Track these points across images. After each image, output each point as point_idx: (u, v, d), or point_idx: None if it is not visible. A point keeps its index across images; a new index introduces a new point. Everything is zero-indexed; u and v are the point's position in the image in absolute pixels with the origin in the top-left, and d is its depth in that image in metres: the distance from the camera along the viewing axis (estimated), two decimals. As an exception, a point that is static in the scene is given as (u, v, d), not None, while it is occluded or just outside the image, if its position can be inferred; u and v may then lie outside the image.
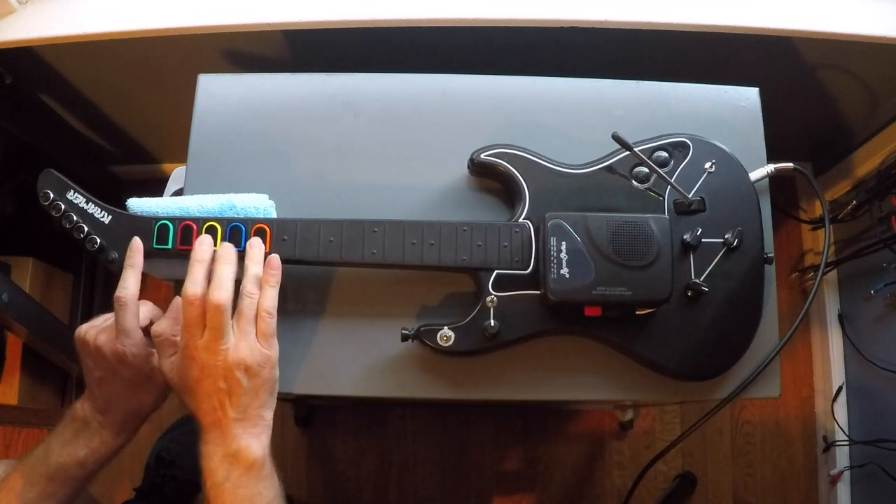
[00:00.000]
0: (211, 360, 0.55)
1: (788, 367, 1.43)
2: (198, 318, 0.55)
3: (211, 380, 0.55)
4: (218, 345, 0.55)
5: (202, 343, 0.55)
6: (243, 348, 0.56)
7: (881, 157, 1.17)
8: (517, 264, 0.62)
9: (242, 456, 0.56)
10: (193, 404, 0.57)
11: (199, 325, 0.55)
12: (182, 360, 0.56)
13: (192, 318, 0.54)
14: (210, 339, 0.54)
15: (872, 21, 0.83)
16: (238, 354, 0.55)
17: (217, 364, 0.55)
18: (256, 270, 0.59)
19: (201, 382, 0.55)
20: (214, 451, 0.57)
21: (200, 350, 0.55)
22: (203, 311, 0.55)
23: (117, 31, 0.86)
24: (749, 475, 1.42)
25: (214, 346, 0.54)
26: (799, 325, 0.64)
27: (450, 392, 0.65)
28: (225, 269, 0.57)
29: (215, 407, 0.56)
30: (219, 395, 0.56)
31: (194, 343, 0.55)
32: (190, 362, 0.55)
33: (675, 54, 0.95)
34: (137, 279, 0.59)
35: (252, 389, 0.57)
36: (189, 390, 0.56)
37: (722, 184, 0.65)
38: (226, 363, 0.55)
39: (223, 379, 0.55)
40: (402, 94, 0.72)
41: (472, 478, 1.42)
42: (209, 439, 0.57)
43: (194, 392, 0.56)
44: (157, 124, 1.32)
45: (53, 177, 0.62)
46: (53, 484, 0.59)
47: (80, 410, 0.61)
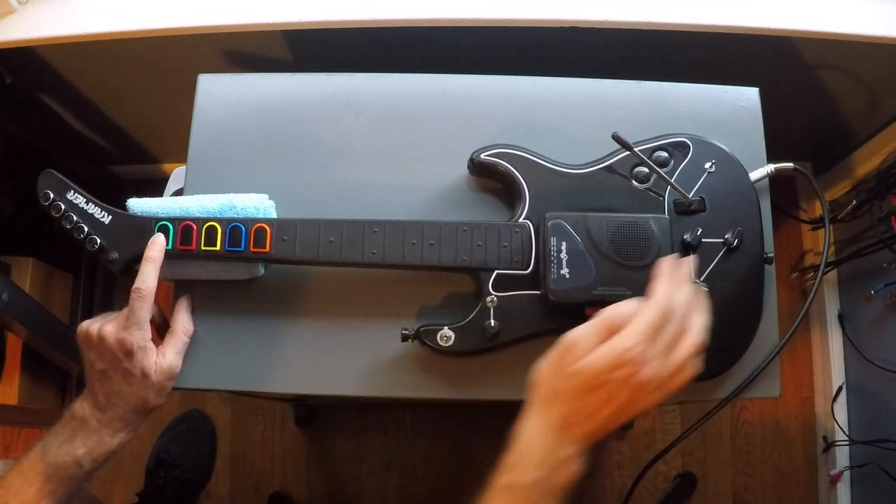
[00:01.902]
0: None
1: (788, 367, 1.43)
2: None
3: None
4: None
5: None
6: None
7: (881, 157, 1.17)
8: (517, 264, 0.62)
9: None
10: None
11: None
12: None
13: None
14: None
15: (872, 21, 0.83)
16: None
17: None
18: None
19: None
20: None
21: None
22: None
23: (117, 31, 0.86)
24: (749, 475, 1.42)
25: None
26: (799, 325, 0.64)
27: (450, 392, 0.65)
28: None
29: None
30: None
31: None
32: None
33: (675, 54, 0.95)
34: (157, 273, 0.61)
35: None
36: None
37: (722, 184, 0.65)
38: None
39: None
40: (402, 94, 0.72)
41: (472, 478, 1.41)
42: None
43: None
44: (157, 124, 1.32)
45: (53, 177, 0.63)
46: (51, 483, 0.59)
47: (78, 409, 0.61)
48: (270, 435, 1.44)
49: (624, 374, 0.50)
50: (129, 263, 0.63)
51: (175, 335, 0.63)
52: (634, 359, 0.50)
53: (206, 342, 0.66)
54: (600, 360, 0.50)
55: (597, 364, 0.50)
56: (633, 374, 0.50)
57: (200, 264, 0.65)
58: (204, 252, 0.62)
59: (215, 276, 0.65)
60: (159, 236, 0.62)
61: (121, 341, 0.59)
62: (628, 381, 0.50)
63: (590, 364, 0.51)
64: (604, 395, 0.51)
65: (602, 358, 0.50)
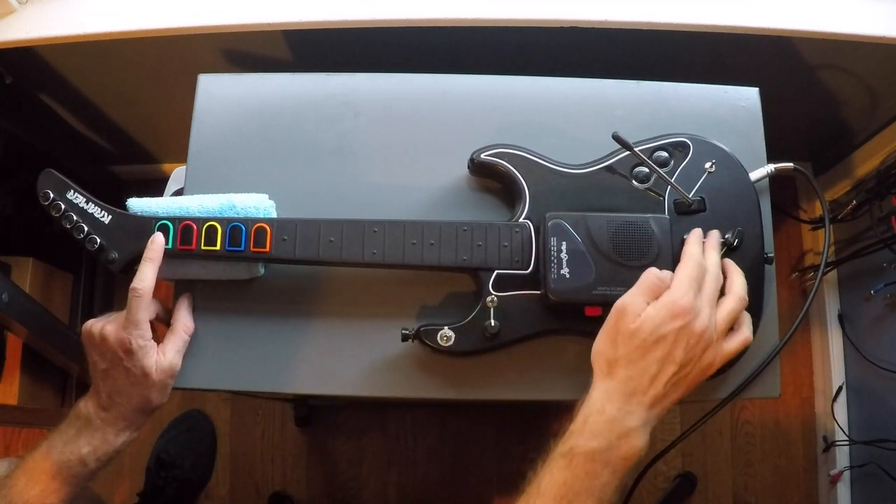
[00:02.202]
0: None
1: (788, 367, 1.43)
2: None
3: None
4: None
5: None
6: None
7: (881, 157, 1.17)
8: (517, 264, 0.62)
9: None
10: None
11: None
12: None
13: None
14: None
15: (872, 21, 0.83)
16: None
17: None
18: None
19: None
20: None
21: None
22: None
23: (117, 31, 0.86)
24: (749, 475, 1.42)
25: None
26: (799, 325, 0.64)
27: (450, 392, 0.65)
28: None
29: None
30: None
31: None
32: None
33: (675, 54, 0.95)
34: (155, 273, 0.61)
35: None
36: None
37: (722, 184, 0.65)
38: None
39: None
40: (402, 94, 0.72)
41: (472, 478, 1.42)
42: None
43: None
44: (157, 124, 1.32)
45: (53, 177, 0.63)
46: (55, 482, 0.59)
47: (83, 408, 0.62)
48: (270, 435, 1.44)
49: (679, 325, 0.52)
50: (129, 263, 0.63)
51: (176, 333, 0.63)
52: (686, 307, 0.52)
53: (206, 342, 0.66)
54: (654, 314, 0.53)
55: (651, 319, 0.52)
56: (688, 323, 0.52)
57: (200, 264, 0.65)
58: (204, 252, 0.62)
59: (215, 275, 0.65)
60: (158, 236, 0.62)
61: (121, 340, 0.59)
62: (684, 331, 0.52)
63: (644, 321, 0.53)
64: (664, 351, 0.52)
65: (656, 312, 0.53)
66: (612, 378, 0.53)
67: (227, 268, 0.65)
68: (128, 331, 0.59)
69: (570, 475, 0.51)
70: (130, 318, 0.59)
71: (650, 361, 0.52)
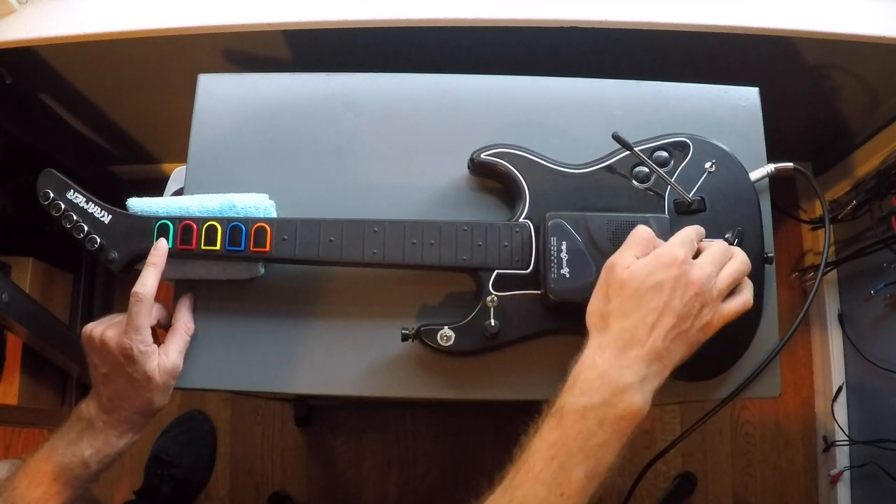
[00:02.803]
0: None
1: (788, 367, 1.43)
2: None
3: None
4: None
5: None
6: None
7: (881, 157, 1.17)
8: (517, 264, 0.62)
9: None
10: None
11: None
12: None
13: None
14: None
15: (872, 21, 0.83)
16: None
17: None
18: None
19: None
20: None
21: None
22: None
23: (117, 31, 0.86)
24: (749, 475, 1.42)
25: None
26: (799, 325, 0.64)
27: (450, 392, 0.65)
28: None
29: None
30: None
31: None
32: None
33: (675, 54, 0.95)
34: (157, 278, 0.61)
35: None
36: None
37: (722, 184, 0.65)
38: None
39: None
40: (403, 94, 0.72)
41: (473, 478, 1.41)
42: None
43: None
44: (157, 124, 1.32)
45: (53, 177, 0.63)
46: (57, 484, 0.59)
47: (85, 410, 0.61)
48: (270, 435, 1.44)
49: (675, 273, 0.50)
50: (129, 263, 0.63)
51: (177, 334, 0.63)
52: (679, 257, 0.50)
53: (207, 342, 0.66)
54: (646, 262, 0.51)
55: (644, 266, 0.51)
56: (684, 272, 0.50)
57: (201, 264, 0.65)
58: (204, 251, 0.62)
59: (215, 275, 0.65)
60: (162, 241, 0.62)
61: (122, 346, 0.59)
62: (681, 278, 0.50)
63: (636, 268, 0.51)
64: (660, 300, 0.49)
65: (648, 261, 0.51)
66: (606, 331, 0.50)
67: (227, 268, 0.65)
68: (128, 336, 0.59)
69: (560, 434, 0.48)
70: (131, 323, 0.59)
71: (646, 311, 0.49)
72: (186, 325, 0.64)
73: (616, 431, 0.48)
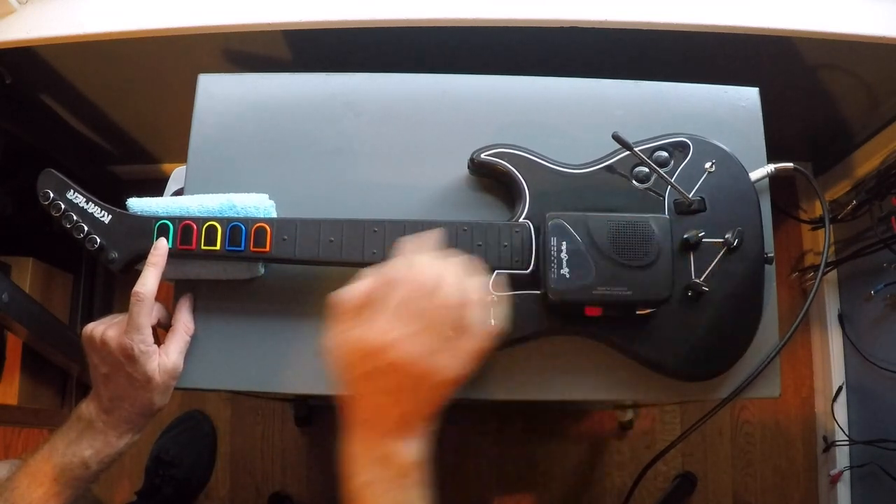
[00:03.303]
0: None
1: (788, 367, 1.43)
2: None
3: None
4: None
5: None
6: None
7: (881, 157, 1.17)
8: (517, 264, 0.62)
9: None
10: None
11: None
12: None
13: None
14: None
15: (872, 21, 0.83)
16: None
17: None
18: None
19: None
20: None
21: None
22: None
23: (117, 31, 0.86)
24: (749, 475, 1.42)
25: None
26: (799, 325, 0.64)
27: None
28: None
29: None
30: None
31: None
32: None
33: (675, 54, 0.95)
34: (158, 278, 0.61)
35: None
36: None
37: (722, 184, 0.65)
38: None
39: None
40: (402, 94, 0.72)
41: (473, 478, 1.42)
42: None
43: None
44: (157, 124, 1.32)
45: (53, 177, 0.63)
46: (58, 484, 0.59)
47: (85, 411, 0.61)
48: (270, 435, 1.44)
49: (377, 364, 0.47)
50: (129, 263, 0.63)
51: (177, 334, 0.63)
52: (373, 346, 0.46)
53: (207, 342, 0.66)
54: (347, 352, 0.48)
55: (347, 359, 0.48)
56: (385, 359, 0.46)
57: (201, 264, 0.65)
58: (204, 252, 0.62)
59: (215, 275, 0.65)
60: (162, 241, 0.62)
61: (122, 346, 0.59)
62: (383, 367, 0.47)
63: (342, 361, 0.48)
64: (371, 387, 0.48)
65: (348, 351, 0.48)
66: (345, 413, 0.49)
67: (227, 268, 0.65)
68: (129, 336, 0.59)
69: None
70: (132, 323, 0.59)
71: (363, 395, 0.48)
72: (186, 326, 0.64)
73: (409, 481, 0.48)
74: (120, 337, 0.59)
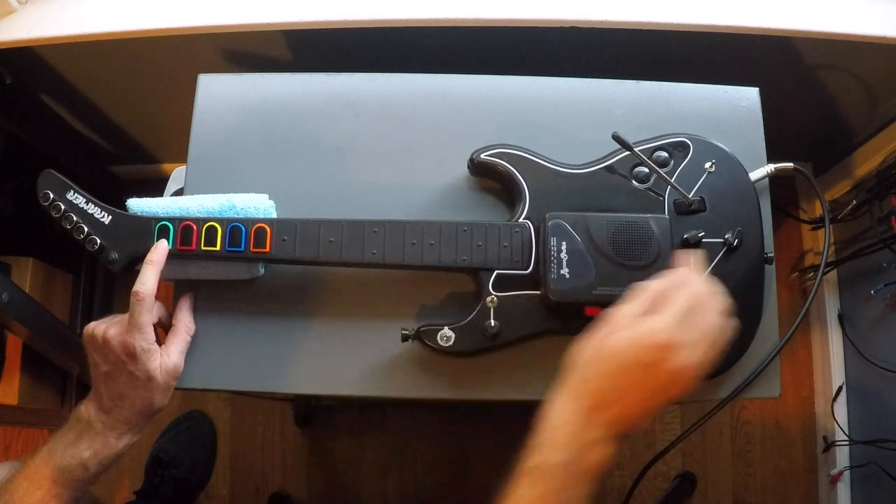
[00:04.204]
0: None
1: (788, 367, 1.43)
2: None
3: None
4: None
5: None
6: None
7: (881, 157, 1.17)
8: (517, 264, 0.62)
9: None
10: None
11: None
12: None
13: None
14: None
15: (872, 21, 0.83)
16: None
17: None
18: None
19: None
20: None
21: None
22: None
23: (117, 31, 0.86)
24: (749, 475, 1.42)
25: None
26: (799, 325, 0.64)
27: (450, 392, 0.65)
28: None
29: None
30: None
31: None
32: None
33: (675, 54, 0.95)
34: (157, 276, 0.61)
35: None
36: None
37: (722, 184, 0.65)
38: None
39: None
40: (402, 94, 0.72)
41: (472, 478, 1.42)
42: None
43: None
44: (157, 124, 1.32)
45: (53, 177, 0.63)
46: (57, 486, 0.59)
47: (83, 412, 0.61)
48: (270, 435, 1.44)
49: (662, 356, 0.49)
50: (129, 263, 0.63)
51: (178, 334, 0.63)
52: (673, 343, 0.49)
53: (207, 342, 0.66)
54: (641, 334, 0.50)
55: (636, 338, 0.50)
56: (670, 358, 0.49)
57: (201, 264, 0.65)
58: (204, 252, 0.62)
59: (215, 276, 0.65)
60: (162, 242, 0.62)
61: (124, 344, 0.59)
62: (665, 364, 0.49)
63: (629, 336, 0.50)
64: (639, 376, 0.49)
65: (643, 334, 0.50)
66: (579, 391, 0.51)
67: (227, 268, 0.65)
68: (131, 334, 0.59)
69: (536, 493, 0.50)
70: (133, 321, 0.59)
71: (625, 380, 0.50)
72: (187, 326, 0.64)
73: (585, 482, 0.50)
74: (122, 335, 0.59)
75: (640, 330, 0.50)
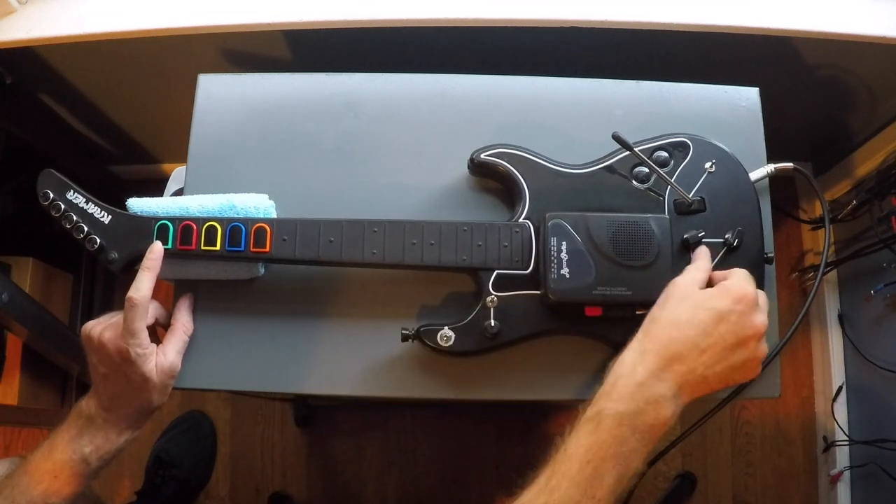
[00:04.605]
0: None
1: (788, 367, 1.43)
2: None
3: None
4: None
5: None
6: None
7: (881, 157, 1.17)
8: (517, 264, 0.62)
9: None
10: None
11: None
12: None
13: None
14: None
15: (872, 21, 0.83)
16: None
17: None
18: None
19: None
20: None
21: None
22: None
23: (117, 31, 0.86)
24: (749, 475, 1.42)
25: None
26: (799, 325, 0.64)
27: (450, 392, 0.65)
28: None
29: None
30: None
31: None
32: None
33: (675, 54, 0.95)
34: (152, 282, 0.60)
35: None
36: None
37: (722, 184, 0.65)
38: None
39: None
40: (402, 94, 0.72)
41: (473, 478, 1.42)
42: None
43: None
44: (157, 124, 1.32)
45: (53, 177, 0.63)
46: (58, 481, 0.59)
47: (84, 407, 0.62)
48: (270, 435, 1.44)
49: (741, 309, 0.51)
50: (129, 263, 0.63)
51: (175, 334, 0.63)
52: (752, 297, 0.52)
53: (206, 342, 0.66)
54: (716, 289, 0.53)
55: (711, 291, 0.53)
56: (749, 312, 0.51)
57: (200, 264, 0.65)
58: (204, 252, 0.62)
59: (215, 276, 0.65)
60: (157, 244, 0.61)
61: (119, 349, 0.59)
62: (744, 317, 0.51)
63: (703, 292, 0.53)
64: (718, 329, 0.51)
65: (718, 289, 0.53)
66: (653, 336, 0.52)
67: (227, 268, 0.65)
68: (125, 340, 0.59)
69: (596, 439, 0.49)
70: (127, 327, 0.59)
71: (700, 333, 0.51)
72: (185, 326, 0.64)
73: (647, 439, 0.50)
74: (116, 340, 0.59)
75: (719, 286, 0.53)
